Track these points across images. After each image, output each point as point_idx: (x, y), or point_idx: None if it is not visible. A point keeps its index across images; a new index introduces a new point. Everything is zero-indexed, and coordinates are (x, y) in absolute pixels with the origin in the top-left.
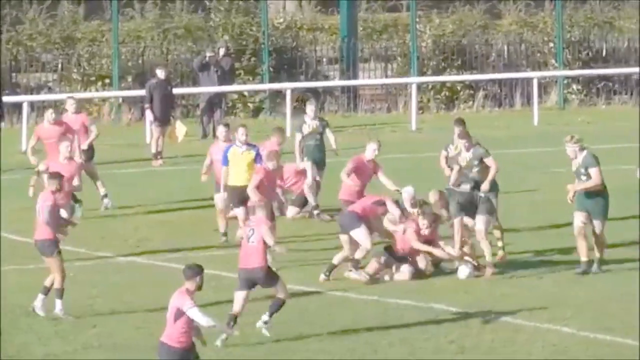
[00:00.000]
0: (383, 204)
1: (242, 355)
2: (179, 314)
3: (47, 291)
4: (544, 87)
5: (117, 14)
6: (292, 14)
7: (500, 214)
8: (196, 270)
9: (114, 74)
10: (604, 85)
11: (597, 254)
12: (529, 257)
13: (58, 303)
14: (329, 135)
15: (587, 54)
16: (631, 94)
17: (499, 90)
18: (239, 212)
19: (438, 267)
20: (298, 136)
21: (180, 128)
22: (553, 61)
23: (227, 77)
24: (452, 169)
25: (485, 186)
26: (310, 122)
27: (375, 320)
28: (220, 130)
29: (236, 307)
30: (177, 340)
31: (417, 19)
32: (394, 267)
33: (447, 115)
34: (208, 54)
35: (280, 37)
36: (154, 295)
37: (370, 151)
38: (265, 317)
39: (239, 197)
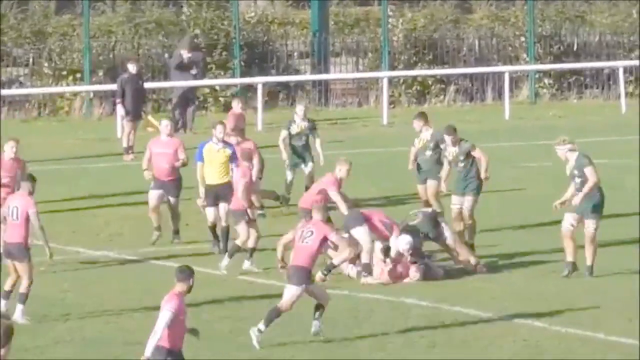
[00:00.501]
0: (390, 227)
1: (215, 354)
2: None
3: (8, 296)
4: (516, 81)
5: (88, 8)
6: (263, 8)
7: None
8: (188, 273)
9: (85, 68)
10: (575, 80)
11: (587, 262)
12: (499, 251)
13: (19, 308)
14: (317, 144)
15: (559, 48)
16: (602, 89)
17: (470, 85)
18: (209, 211)
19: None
20: (284, 133)
21: (153, 121)
22: (524, 55)
23: (199, 71)
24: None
25: (484, 174)
26: (299, 122)
27: (346, 315)
28: (165, 124)
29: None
30: (166, 341)
31: (389, 13)
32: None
33: (419, 110)
34: (185, 55)
35: (251, 32)
36: (125, 289)
37: (344, 171)
38: (261, 326)
39: (213, 195)
